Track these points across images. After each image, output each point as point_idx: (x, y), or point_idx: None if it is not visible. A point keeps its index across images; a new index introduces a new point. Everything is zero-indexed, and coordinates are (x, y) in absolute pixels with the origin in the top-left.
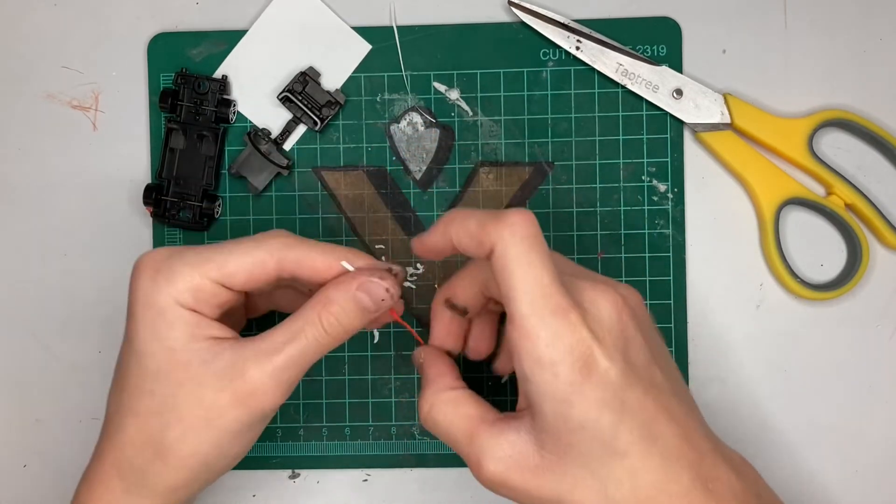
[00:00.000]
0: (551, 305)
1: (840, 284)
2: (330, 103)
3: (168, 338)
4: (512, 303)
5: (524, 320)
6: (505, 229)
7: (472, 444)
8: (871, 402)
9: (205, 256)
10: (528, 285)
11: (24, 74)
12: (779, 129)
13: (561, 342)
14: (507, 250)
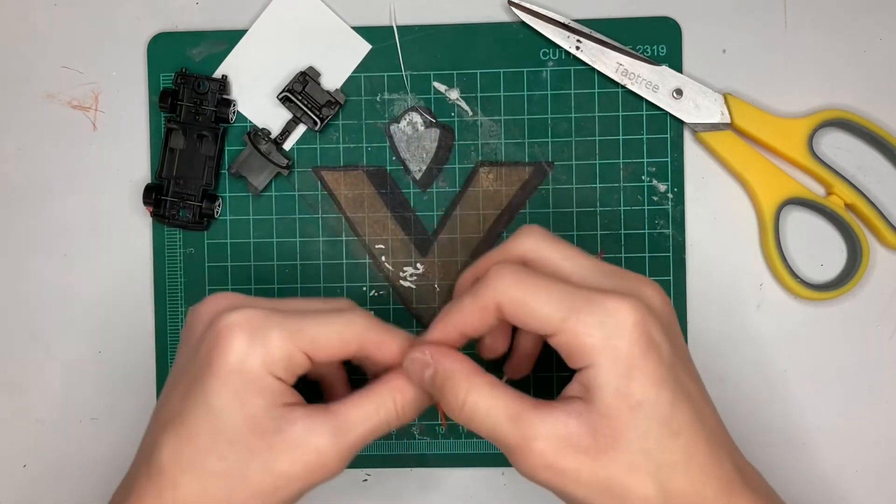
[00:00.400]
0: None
1: (840, 284)
2: (330, 103)
3: (252, 405)
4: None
5: (565, 322)
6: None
7: (519, 424)
8: (872, 402)
9: (299, 326)
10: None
11: (24, 74)
12: (779, 129)
13: (614, 318)
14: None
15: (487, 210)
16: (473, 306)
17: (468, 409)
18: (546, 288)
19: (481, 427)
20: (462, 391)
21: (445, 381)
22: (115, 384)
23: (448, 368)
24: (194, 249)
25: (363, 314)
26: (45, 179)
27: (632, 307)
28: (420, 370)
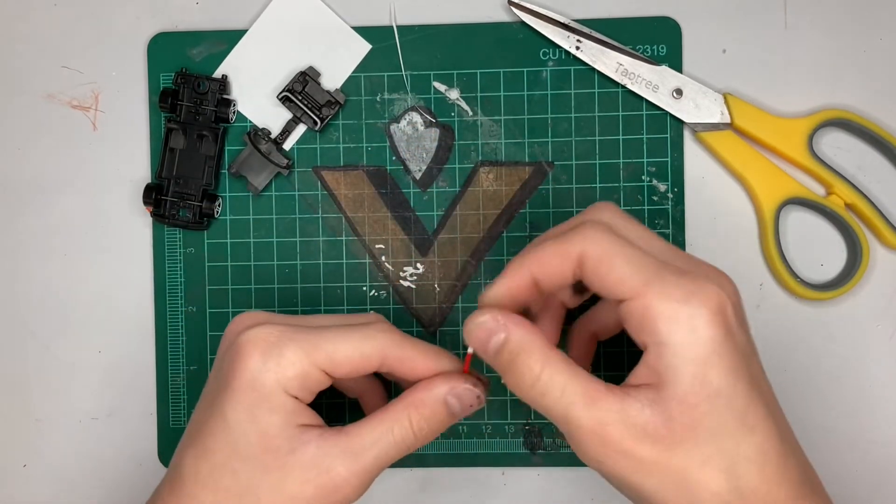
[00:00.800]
0: (670, 268)
1: (840, 284)
2: (330, 103)
3: (265, 422)
4: (625, 279)
5: (647, 286)
6: (586, 230)
7: (594, 407)
8: (872, 402)
9: (314, 342)
10: (635, 262)
11: (24, 74)
12: (779, 128)
13: (697, 297)
14: (596, 245)
15: (487, 210)
16: (555, 251)
17: (541, 386)
18: (634, 250)
19: (553, 406)
20: (537, 366)
21: (519, 354)
22: (115, 384)
23: (522, 338)
24: (194, 249)
25: (386, 329)
26: (45, 179)
27: (716, 290)
28: (486, 337)
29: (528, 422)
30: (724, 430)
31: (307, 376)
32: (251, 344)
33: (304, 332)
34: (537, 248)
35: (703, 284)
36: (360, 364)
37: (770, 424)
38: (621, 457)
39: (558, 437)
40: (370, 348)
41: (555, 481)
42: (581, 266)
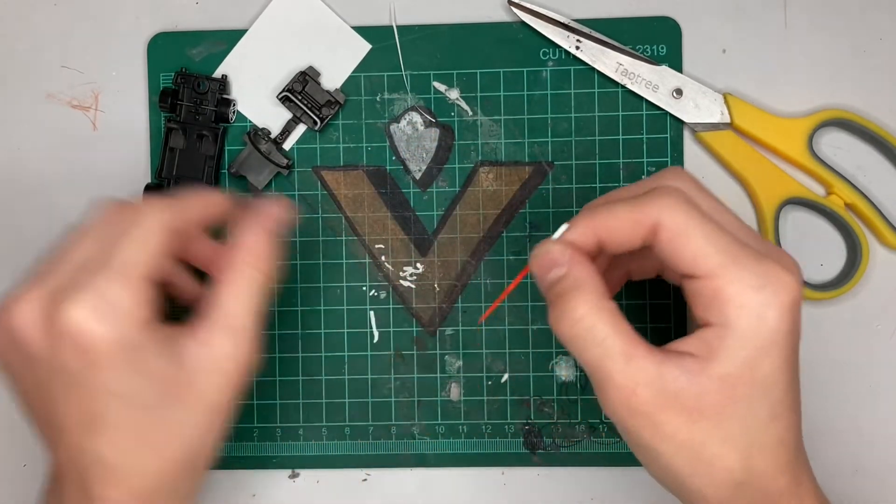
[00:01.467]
0: (747, 252)
1: (840, 284)
2: (330, 103)
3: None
4: (701, 257)
5: (723, 268)
6: (665, 199)
7: (630, 364)
8: (872, 401)
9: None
10: (714, 240)
11: (24, 74)
12: (779, 128)
13: (774, 287)
14: (675, 218)
15: (487, 210)
16: (629, 215)
17: (583, 326)
18: (712, 226)
19: (587, 350)
20: (585, 306)
21: (572, 290)
22: None
23: (579, 278)
24: None
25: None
26: (45, 179)
27: (791, 282)
28: (547, 266)
29: (527, 422)
30: (753, 415)
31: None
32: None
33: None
34: (609, 210)
35: (780, 274)
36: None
37: (792, 415)
38: (644, 418)
39: (558, 437)
40: (157, 235)
41: (555, 481)
42: (654, 235)
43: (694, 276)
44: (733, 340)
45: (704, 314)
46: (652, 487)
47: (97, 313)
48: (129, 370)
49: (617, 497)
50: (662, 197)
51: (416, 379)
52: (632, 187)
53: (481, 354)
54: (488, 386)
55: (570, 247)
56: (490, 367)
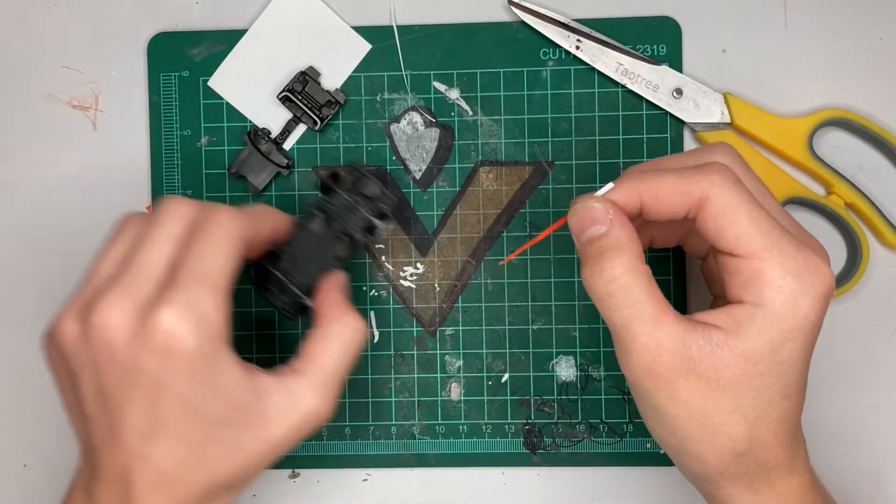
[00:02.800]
0: (790, 239)
1: (840, 284)
2: (330, 103)
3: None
4: (745, 238)
5: (766, 251)
6: (715, 175)
7: (657, 328)
8: (872, 401)
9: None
10: (759, 222)
11: (24, 74)
12: (779, 128)
13: (811, 277)
14: (724, 194)
15: (487, 210)
16: (677, 185)
17: (616, 287)
18: (758, 208)
19: (619, 310)
20: (622, 267)
21: (612, 249)
22: None
23: (620, 237)
24: None
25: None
26: (46, 179)
27: (828, 273)
28: (588, 223)
29: (527, 421)
30: (767, 392)
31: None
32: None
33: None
34: (658, 177)
35: (818, 264)
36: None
37: (800, 397)
38: (663, 382)
39: (558, 438)
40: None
41: (555, 481)
42: (699, 208)
43: (735, 254)
44: (763, 321)
45: (740, 291)
46: (652, 487)
47: (186, 320)
48: (205, 382)
49: (617, 497)
50: (714, 173)
51: (416, 379)
52: (679, 157)
53: (481, 354)
54: (488, 386)
55: (612, 206)
56: (490, 367)
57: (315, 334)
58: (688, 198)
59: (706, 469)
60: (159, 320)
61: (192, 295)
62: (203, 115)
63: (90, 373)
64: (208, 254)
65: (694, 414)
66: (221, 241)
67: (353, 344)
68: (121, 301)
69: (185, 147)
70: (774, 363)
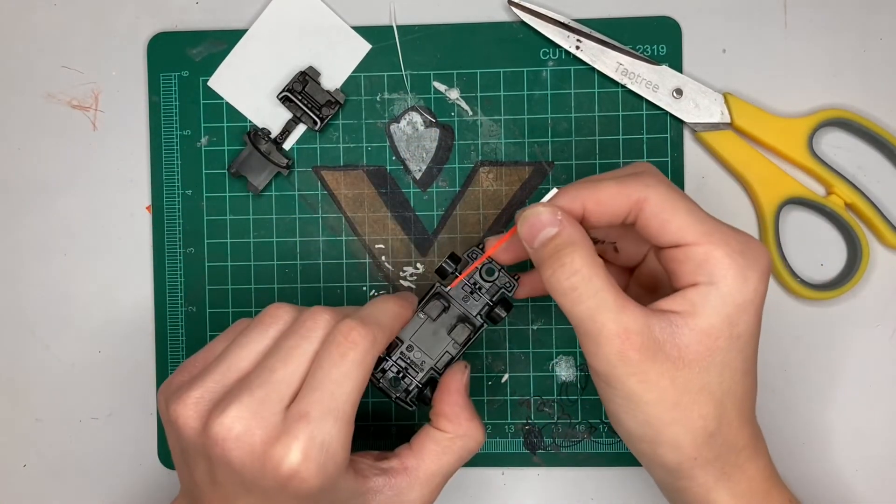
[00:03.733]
0: (726, 225)
1: (840, 284)
2: (330, 103)
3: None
4: (688, 227)
5: (709, 235)
6: (649, 178)
7: (622, 314)
8: (872, 401)
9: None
10: (695, 213)
11: (24, 74)
12: (779, 128)
13: (753, 253)
14: (660, 193)
15: (487, 210)
16: (616, 189)
17: (578, 280)
18: (693, 203)
19: (582, 303)
20: (579, 261)
21: (567, 245)
22: (115, 384)
23: (573, 234)
24: (194, 249)
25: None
26: (45, 179)
27: (765, 251)
28: (539, 228)
29: (527, 422)
30: (730, 366)
31: (349, 437)
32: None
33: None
34: (597, 183)
35: (754, 243)
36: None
37: (755, 373)
38: (633, 365)
39: (558, 438)
40: (363, 374)
41: (555, 481)
42: (640, 210)
43: (681, 244)
44: (718, 298)
45: (692, 276)
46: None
47: (312, 460)
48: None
49: (617, 497)
50: (648, 176)
51: None
52: (612, 172)
53: (481, 354)
54: (488, 386)
55: (559, 208)
56: (490, 367)
57: (432, 435)
58: (627, 200)
59: (680, 456)
60: (285, 456)
61: (321, 429)
62: (203, 115)
63: (205, 463)
64: (341, 379)
65: (665, 395)
66: (354, 367)
67: (469, 454)
68: (249, 417)
69: (185, 147)
70: (732, 338)
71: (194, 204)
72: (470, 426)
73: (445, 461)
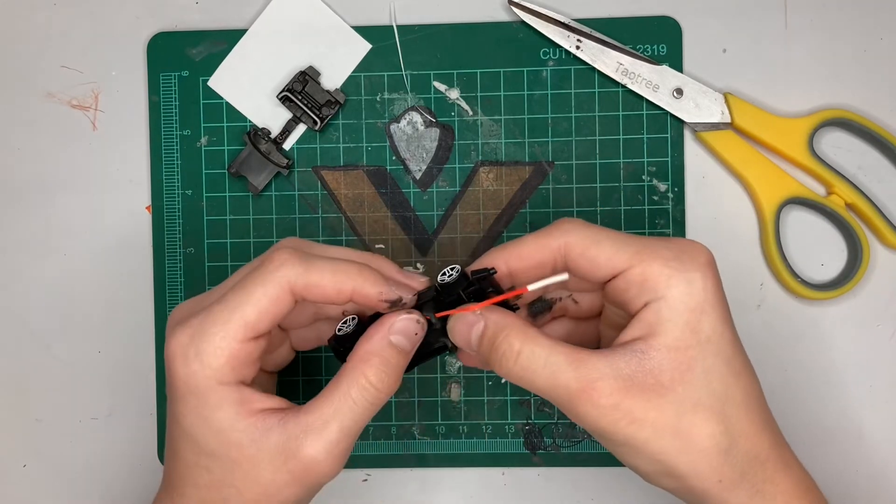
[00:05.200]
0: (653, 239)
1: (840, 284)
2: (330, 103)
3: (215, 420)
4: (617, 256)
5: (640, 255)
6: (566, 224)
7: (581, 368)
8: (872, 402)
9: (224, 318)
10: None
11: (24, 74)
12: (779, 128)
13: (688, 255)
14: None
15: (487, 210)
16: (536, 243)
17: (524, 359)
18: (615, 232)
19: (539, 377)
20: (517, 342)
21: (498, 334)
22: (115, 384)
23: (498, 321)
24: (194, 249)
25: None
26: (45, 179)
27: (701, 247)
28: (467, 330)
29: (528, 422)
30: (713, 372)
31: (236, 356)
32: (172, 351)
33: (213, 313)
34: (517, 242)
35: (688, 245)
36: (276, 311)
37: (751, 373)
38: (613, 410)
39: (558, 438)
40: (275, 289)
41: (555, 481)
42: (566, 255)
43: (616, 272)
44: (670, 309)
45: (638, 298)
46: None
47: (181, 351)
48: (193, 413)
49: (617, 497)
50: (564, 223)
51: (416, 379)
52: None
53: None
54: (488, 386)
55: (477, 304)
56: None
57: (336, 381)
58: (549, 249)
59: (703, 483)
60: (167, 343)
61: (201, 333)
62: (203, 114)
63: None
64: (242, 290)
65: (660, 426)
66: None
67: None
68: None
69: (185, 147)
70: (702, 343)
71: (194, 204)
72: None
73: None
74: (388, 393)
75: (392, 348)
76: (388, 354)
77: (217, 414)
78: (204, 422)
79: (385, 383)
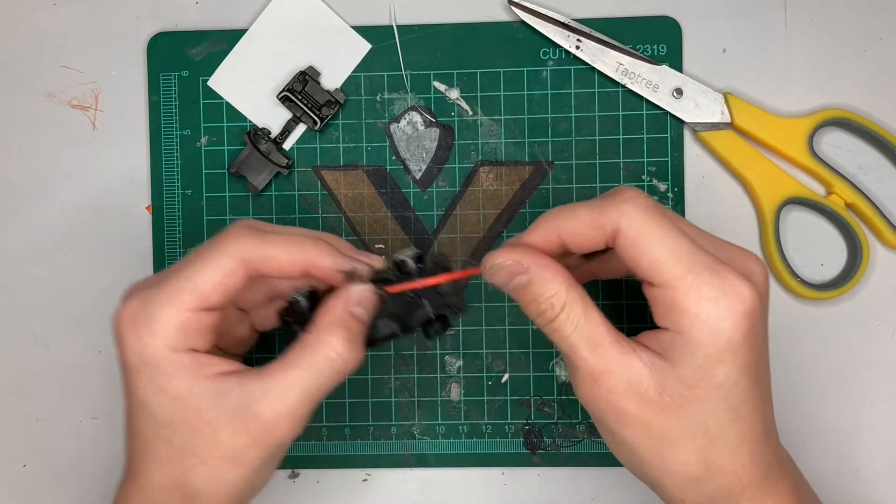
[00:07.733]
0: (705, 262)
1: (840, 284)
2: (330, 102)
3: (171, 387)
4: (659, 266)
5: (679, 280)
6: (625, 205)
7: (597, 353)
8: (871, 402)
9: (175, 288)
10: (671, 248)
11: (24, 74)
12: (779, 128)
13: (730, 297)
14: (634, 223)
15: (487, 210)
16: (590, 218)
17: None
18: (673, 234)
19: (559, 338)
20: (558, 305)
21: (541, 293)
22: (115, 384)
23: (543, 276)
24: None
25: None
26: (45, 179)
27: (750, 292)
28: (508, 278)
29: (527, 422)
30: (714, 416)
31: (186, 325)
32: (121, 323)
33: (163, 283)
34: (571, 213)
35: (737, 284)
36: (229, 283)
37: (757, 415)
38: (609, 404)
39: (558, 438)
40: (228, 261)
41: (555, 481)
42: (615, 240)
43: (651, 283)
44: (686, 348)
45: (661, 319)
46: None
47: (130, 321)
48: (147, 384)
49: (617, 497)
50: (623, 202)
51: (416, 379)
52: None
53: (481, 354)
54: (488, 386)
55: (523, 253)
56: (490, 367)
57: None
58: (602, 231)
59: (666, 495)
60: (115, 316)
61: (149, 300)
62: (203, 114)
63: None
64: (188, 268)
65: (645, 436)
66: (209, 260)
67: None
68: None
69: (185, 147)
70: (712, 387)
71: (194, 204)
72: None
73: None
74: (354, 363)
75: (353, 318)
76: (350, 324)
77: (173, 382)
78: (160, 391)
79: (351, 353)
